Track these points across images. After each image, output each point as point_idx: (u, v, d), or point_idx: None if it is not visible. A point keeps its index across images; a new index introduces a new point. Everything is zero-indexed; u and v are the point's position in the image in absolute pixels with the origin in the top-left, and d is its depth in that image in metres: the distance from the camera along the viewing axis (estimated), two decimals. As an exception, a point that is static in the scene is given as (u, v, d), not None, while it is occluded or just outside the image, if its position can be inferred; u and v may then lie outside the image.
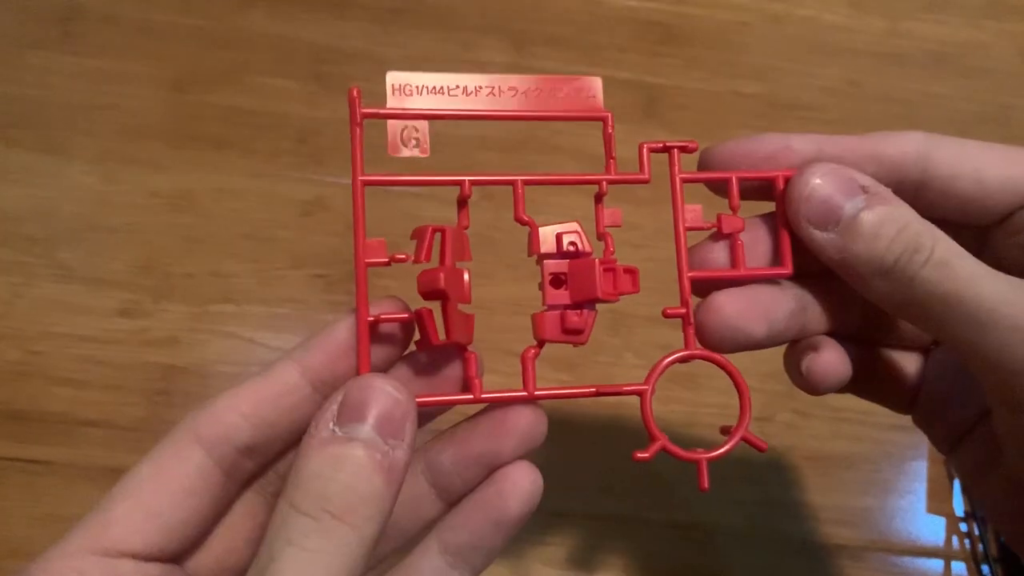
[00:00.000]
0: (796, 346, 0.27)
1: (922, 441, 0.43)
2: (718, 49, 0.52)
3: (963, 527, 0.42)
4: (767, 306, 0.25)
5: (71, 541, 0.21)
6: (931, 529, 0.42)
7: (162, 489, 0.21)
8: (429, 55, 0.50)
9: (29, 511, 0.39)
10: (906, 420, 0.30)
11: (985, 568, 0.41)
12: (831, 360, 0.26)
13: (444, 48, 0.51)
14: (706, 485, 0.24)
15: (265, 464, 0.23)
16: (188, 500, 0.21)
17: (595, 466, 0.41)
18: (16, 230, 0.44)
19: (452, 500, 0.24)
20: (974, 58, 0.54)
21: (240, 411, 0.22)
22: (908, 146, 0.25)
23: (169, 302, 0.43)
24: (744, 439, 0.25)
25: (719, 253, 0.26)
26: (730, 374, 0.25)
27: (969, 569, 0.41)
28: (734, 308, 0.25)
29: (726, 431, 0.25)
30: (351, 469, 0.20)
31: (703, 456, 0.24)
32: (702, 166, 0.26)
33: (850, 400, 0.30)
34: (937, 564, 0.41)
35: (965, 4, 0.55)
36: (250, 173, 0.46)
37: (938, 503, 0.42)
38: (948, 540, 0.42)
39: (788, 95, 0.51)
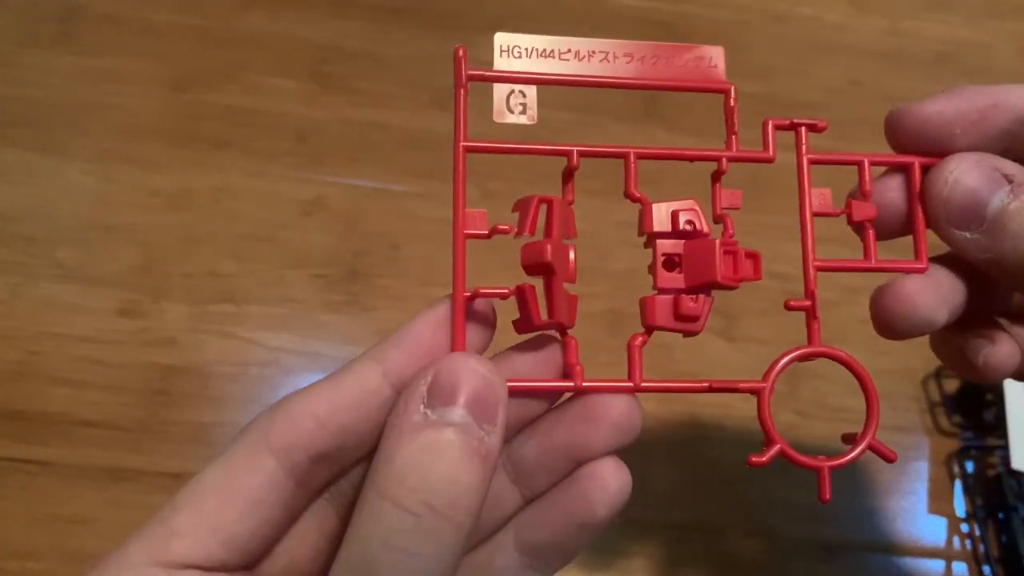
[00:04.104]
0: (961, 335, 0.26)
1: (923, 441, 0.43)
2: (718, 49, 0.52)
3: (964, 528, 0.42)
4: (947, 292, 0.24)
5: (132, 551, 0.19)
6: (932, 530, 0.42)
7: (229, 501, 0.20)
8: (429, 55, 0.50)
9: (29, 511, 0.39)
10: (906, 420, 0.30)
11: (986, 569, 0.40)
12: (1009, 353, 0.25)
13: (444, 48, 0.50)
14: (828, 496, 0.22)
15: (339, 472, 0.22)
16: (256, 512, 0.20)
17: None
18: (16, 230, 0.44)
19: (533, 495, 0.23)
20: (974, 58, 0.54)
21: (316, 416, 0.20)
22: None
23: (168, 302, 0.43)
24: (871, 447, 0.23)
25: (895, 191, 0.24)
26: (858, 375, 0.23)
27: (970, 570, 0.41)
28: (924, 298, 0.23)
29: (849, 439, 0.23)
30: (450, 457, 0.18)
31: (826, 464, 0.22)
32: (890, 128, 0.24)
33: (850, 400, 0.29)
34: (938, 565, 0.41)
35: (966, 3, 0.55)
36: (249, 173, 0.46)
37: (939, 504, 0.42)
38: (949, 541, 0.42)
39: (789, 94, 0.51)
